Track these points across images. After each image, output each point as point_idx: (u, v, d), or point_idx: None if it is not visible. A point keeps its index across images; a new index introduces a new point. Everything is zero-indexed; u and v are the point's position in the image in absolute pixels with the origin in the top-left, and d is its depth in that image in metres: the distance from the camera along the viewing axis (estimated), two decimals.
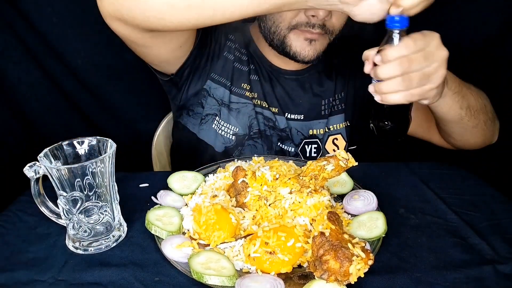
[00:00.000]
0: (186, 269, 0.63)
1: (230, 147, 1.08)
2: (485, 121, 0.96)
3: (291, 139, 1.11)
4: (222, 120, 1.08)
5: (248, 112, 1.08)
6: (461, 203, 0.82)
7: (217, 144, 1.08)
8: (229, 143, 1.09)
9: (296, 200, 0.73)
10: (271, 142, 1.10)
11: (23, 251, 0.71)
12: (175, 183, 0.86)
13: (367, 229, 0.70)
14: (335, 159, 0.74)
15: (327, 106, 1.15)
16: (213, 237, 0.69)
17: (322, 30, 0.98)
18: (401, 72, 0.66)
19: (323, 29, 0.98)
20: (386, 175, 0.93)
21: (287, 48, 1.02)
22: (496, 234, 0.73)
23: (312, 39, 1.00)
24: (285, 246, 0.64)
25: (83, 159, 0.73)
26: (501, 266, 0.65)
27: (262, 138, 1.09)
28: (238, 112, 1.08)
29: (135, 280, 0.63)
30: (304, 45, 1.01)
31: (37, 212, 0.72)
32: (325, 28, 0.98)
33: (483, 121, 0.95)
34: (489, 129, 1.00)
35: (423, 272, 0.64)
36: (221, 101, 1.08)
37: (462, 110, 0.88)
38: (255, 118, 1.09)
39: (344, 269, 0.57)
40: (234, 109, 1.09)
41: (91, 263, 0.67)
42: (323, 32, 0.99)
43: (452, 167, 0.97)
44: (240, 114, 1.08)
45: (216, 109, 1.09)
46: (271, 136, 1.10)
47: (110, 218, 0.72)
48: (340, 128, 1.15)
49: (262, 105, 1.10)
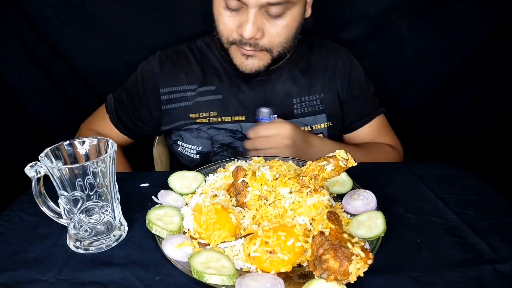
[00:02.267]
0: (186, 268, 0.64)
1: (196, 165, 1.12)
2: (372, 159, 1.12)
3: None
4: (185, 142, 1.14)
5: (207, 132, 1.12)
6: (461, 203, 0.82)
7: (188, 163, 1.16)
8: (195, 161, 1.14)
9: (296, 200, 0.73)
10: (240, 152, 1.13)
11: (24, 251, 0.71)
12: (176, 183, 0.86)
13: (366, 229, 0.71)
14: (335, 159, 0.74)
15: (299, 105, 1.16)
16: (213, 236, 0.69)
17: (256, 48, 1.01)
18: (252, 148, 1.01)
19: (256, 47, 1.00)
20: (385, 175, 0.93)
21: (231, 59, 1.07)
22: (495, 234, 0.73)
23: (248, 55, 1.03)
24: (285, 246, 0.64)
25: (84, 159, 0.73)
26: (500, 266, 0.65)
27: (230, 150, 1.13)
28: (199, 132, 1.13)
29: (135, 279, 0.64)
30: (242, 59, 1.05)
31: (38, 211, 0.72)
32: (258, 46, 1.01)
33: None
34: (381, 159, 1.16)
35: (422, 271, 0.64)
36: (178, 128, 1.15)
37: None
38: (217, 135, 1.13)
39: (344, 269, 0.57)
40: (194, 129, 1.13)
41: (92, 263, 0.67)
42: (258, 50, 1.01)
43: (452, 167, 0.97)
44: (200, 133, 1.13)
45: (177, 135, 1.16)
46: (240, 146, 1.12)
47: (111, 217, 0.72)
48: (322, 127, 1.17)
49: (224, 121, 1.13)
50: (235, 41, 1.02)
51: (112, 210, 0.72)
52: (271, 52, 1.03)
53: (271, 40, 1.01)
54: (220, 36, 1.04)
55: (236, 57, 1.05)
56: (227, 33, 1.02)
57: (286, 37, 1.02)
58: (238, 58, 1.05)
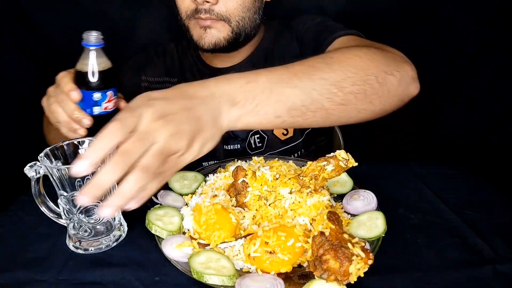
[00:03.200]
0: (186, 268, 0.63)
1: None
2: (342, 103, 0.68)
3: (234, 137, 1.11)
4: None
5: None
6: (461, 203, 0.82)
7: None
8: None
9: (296, 200, 0.73)
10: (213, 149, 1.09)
11: (24, 251, 0.71)
12: (176, 183, 0.86)
13: (367, 229, 0.71)
14: (335, 160, 0.74)
15: None
16: (213, 236, 0.69)
17: (212, 15, 0.98)
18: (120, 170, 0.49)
19: (212, 14, 0.98)
20: (386, 175, 0.93)
21: (191, 37, 1.04)
22: (496, 234, 0.73)
23: (206, 26, 1.00)
24: (285, 246, 0.64)
25: None
26: (501, 266, 0.65)
27: None
28: None
29: (135, 279, 0.64)
30: (201, 32, 1.02)
31: (37, 212, 0.72)
32: (214, 13, 0.98)
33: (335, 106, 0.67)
34: (379, 95, 0.72)
35: (423, 272, 0.64)
36: None
37: (282, 117, 0.65)
38: None
39: (344, 269, 0.57)
40: None
41: (91, 263, 0.67)
42: (215, 18, 0.99)
43: (452, 167, 0.97)
44: None
45: None
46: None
47: (110, 217, 0.72)
48: None
49: None
50: (192, 13, 1.00)
51: None
52: (229, 21, 1.00)
53: (226, 5, 0.98)
54: (180, 13, 1.03)
55: (195, 31, 1.03)
56: (184, 6, 1.01)
57: (242, 2, 1.00)
58: (196, 32, 1.02)
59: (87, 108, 0.76)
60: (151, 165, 0.51)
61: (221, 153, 1.11)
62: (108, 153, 0.50)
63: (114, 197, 0.49)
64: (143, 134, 0.51)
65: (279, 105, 0.64)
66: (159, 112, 0.53)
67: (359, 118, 0.73)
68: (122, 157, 0.49)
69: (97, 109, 0.77)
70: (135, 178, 0.49)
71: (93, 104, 0.76)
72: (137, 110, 0.53)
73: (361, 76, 0.69)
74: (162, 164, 0.52)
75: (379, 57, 0.75)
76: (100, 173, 0.48)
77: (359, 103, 0.70)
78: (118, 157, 0.49)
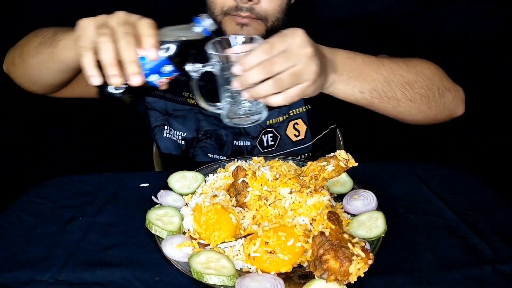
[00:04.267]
0: (186, 268, 0.63)
1: (183, 150, 1.12)
2: (410, 99, 0.88)
3: (246, 134, 1.11)
4: (171, 127, 1.13)
5: (193, 117, 1.11)
6: (461, 203, 0.82)
7: (172, 150, 1.14)
8: (180, 147, 1.13)
9: (296, 200, 0.73)
10: (223, 141, 1.11)
11: (23, 251, 0.71)
12: (175, 183, 0.86)
13: (367, 229, 0.71)
14: (336, 160, 0.74)
15: None
16: (213, 236, 0.69)
17: (252, 14, 0.98)
18: (265, 75, 0.66)
19: (252, 13, 0.98)
20: (386, 175, 0.93)
21: (223, 33, 1.02)
22: (496, 234, 0.72)
23: (243, 24, 1.00)
24: (285, 246, 0.64)
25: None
26: (501, 266, 0.65)
27: (213, 138, 1.11)
28: (184, 118, 1.12)
29: (135, 279, 0.64)
30: (236, 29, 1.01)
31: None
32: (254, 12, 0.98)
33: (405, 99, 0.87)
34: (430, 106, 0.92)
35: (423, 272, 0.64)
36: (165, 112, 1.13)
37: (364, 94, 0.83)
38: (203, 120, 1.11)
39: (344, 269, 0.57)
40: (180, 116, 1.12)
41: (91, 263, 0.67)
42: (254, 16, 0.98)
43: (452, 167, 0.97)
44: (186, 120, 1.11)
45: (163, 119, 1.14)
46: (225, 135, 1.11)
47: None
48: (300, 112, 1.14)
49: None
50: (230, 10, 0.99)
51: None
52: (266, 21, 1.00)
53: (267, 6, 0.99)
54: (213, 8, 1.01)
55: (230, 27, 1.01)
56: (221, 2, 0.99)
57: (280, 3, 1.01)
58: (232, 28, 1.01)
59: (145, 69, 0.68)
60: (286, 81, 0.67)
61: (229, 149, 1.11)
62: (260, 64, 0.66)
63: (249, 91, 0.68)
64: (291, 54, 0.67)
65: (365, 84, 0.82)
66: (308, 39, 0.69)
67: (418, 118, 0.92)
68: (269, 67, 0.66)
69: (153, 78, 0.70)
70: (269, 84, 0.67)
71: (154, 71, 0.69)
72: (288, 36, 0.69)
73: (427, 84, 0.89)
74: (293, 82, 0.68)
75: (442, 74, 0.95)
76: (251, 71, 0.66)
77: (422, 104, 0.89)
78: (267, 64, 0.66)
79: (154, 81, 0.70)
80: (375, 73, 0.83)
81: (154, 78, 0.70)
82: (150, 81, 0.69)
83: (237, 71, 0.67)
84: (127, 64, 0.65)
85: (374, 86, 0.83)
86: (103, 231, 0.75)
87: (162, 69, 0.69)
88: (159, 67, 0.69)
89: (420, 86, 0.89)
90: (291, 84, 0.68)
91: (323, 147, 1.19)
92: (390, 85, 0.85)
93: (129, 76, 0.66)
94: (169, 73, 0.70)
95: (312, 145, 1.14)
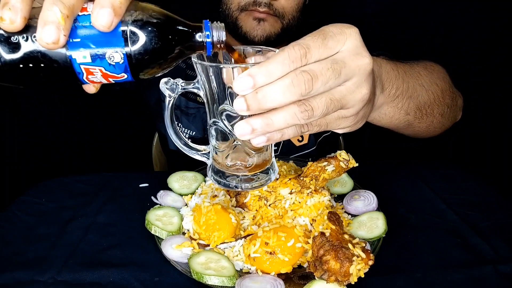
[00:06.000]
0: (186, 269, 0.63)
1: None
2: (441, 113, 0.76)
3: None
4: (181, 124, 1.13)
5: (201, 116, 1.11)
6: (461, 203, 0.82)
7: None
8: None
9: (296, 200, 0.73)
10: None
11: (23, 251, 0.70)
12: (175, 183, 0.86)
13: (367, 229, 0.70)
14: (336, 160, 0.74)
15: None
16: (213, 237, 0.69)
17: (270, 10, 0.99)
18: (295, 96, 0.40)
19: (270, 8, 0.98)
20: (386, 175, 0.93)
21: (239, 29, 1.03)
22: (496, 234, 0.72)
23: (260, 19, 1.00)
24: (285, 246, 0.63)
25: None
26: (501, 266, 0.65)
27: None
28: (194, 117, 1.11)
29: (135, 280, 0.63)
30: (253, 24, 1.01)
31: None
32: (272, 8, 0.99)
33: (439, 115, 0.75)
34: (449, 117, 0.82)
35: (424, 272, 0.64)
36: (177, 107, 1.13)
37: (409, 116, 0.67)
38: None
39: (345, 270, 0.57)
40: (191, 113, 1.12)
41: (91, 263, 0.67)
42: (271, 12, 0.99)
43: (452, 167, 0.97)
44: (196, 118, 1.11)
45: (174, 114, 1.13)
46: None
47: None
48: None
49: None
50: (248, 5, 0.99)
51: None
52: (283, 18, 1.01)
53: (285, 3, 1.00)
54: (231, 3, 1.02)
55: (247, 23, 1.01)
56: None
57: (298, 2, 1.02)
58: (248, 24, 1.01)
59: (76, 35, 0.41)
60: (321, 108, 0.41)
61: None
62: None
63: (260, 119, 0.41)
64: (340, 64, 0.41)
65: (411, 102, 0.65)
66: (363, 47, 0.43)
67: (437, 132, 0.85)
68: (307, 79, 0.39)
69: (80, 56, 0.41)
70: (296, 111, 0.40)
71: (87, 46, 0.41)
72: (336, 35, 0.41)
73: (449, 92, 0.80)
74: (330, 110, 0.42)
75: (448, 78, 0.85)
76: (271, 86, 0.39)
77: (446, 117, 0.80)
78: (302, 77, 0.39)
79: (78, 62, 0.42)
80: (418, 85, 0.66)
81: (81, 57, 0.41)
82: (72, 57, 0.41)
83: (243, 86, 0.39)
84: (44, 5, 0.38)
85: (418, 103, 0.66)
86: (103, 232, 0.75)
87: (107, 55, 0.42)
88: (102, 46, 0.41)
89: (448, 96, 0.77)
90: (327, 112, 0.43)
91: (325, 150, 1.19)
92: (429, 98, 0.69)
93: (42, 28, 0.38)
94: (114, 68, 0.43)
95: (315, 150, 1.14)
